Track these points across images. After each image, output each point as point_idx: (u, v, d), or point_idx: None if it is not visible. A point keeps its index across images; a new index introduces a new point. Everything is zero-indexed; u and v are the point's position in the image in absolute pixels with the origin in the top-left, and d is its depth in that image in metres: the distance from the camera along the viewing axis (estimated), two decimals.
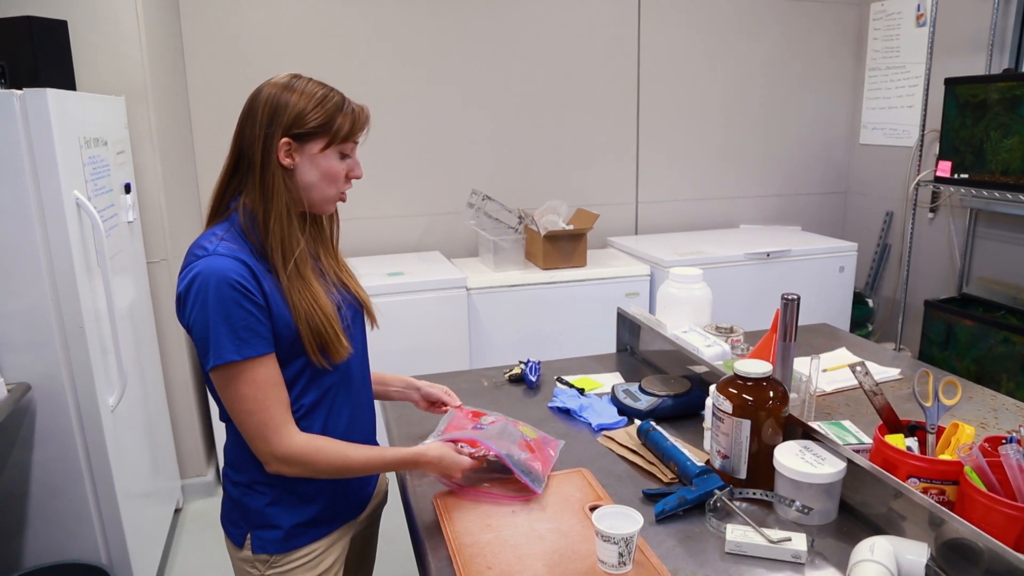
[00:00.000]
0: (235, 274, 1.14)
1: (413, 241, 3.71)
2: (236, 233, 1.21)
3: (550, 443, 1.54)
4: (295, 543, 1.29)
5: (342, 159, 1.26)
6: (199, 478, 3.14)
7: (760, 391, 1.37)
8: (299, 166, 1.22)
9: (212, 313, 1.13)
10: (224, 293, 1.13)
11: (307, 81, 1.23)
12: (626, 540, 1.14)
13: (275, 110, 1.19)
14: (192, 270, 1.15)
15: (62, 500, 2.09)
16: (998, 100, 3.10)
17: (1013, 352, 3.09)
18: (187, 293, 1.15)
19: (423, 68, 3.52)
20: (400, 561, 2.52)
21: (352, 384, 1.35)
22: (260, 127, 1.19)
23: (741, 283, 3.47)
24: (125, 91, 2.66)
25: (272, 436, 1.18)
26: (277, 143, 1.19)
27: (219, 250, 1.16)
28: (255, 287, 1.16)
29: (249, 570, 1.29)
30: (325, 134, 1.21)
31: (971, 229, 3.60)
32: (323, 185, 1.24)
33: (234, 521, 1.30)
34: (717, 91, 4.02)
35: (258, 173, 1.20)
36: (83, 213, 2.03)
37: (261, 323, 1.16)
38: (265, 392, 1.17)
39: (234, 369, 1.15)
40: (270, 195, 1.20)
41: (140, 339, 2.59)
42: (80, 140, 2.08)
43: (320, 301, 1.23)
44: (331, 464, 1.22)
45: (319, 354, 1.23)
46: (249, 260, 1.18)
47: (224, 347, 1.13)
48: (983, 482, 1.15)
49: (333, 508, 1.33)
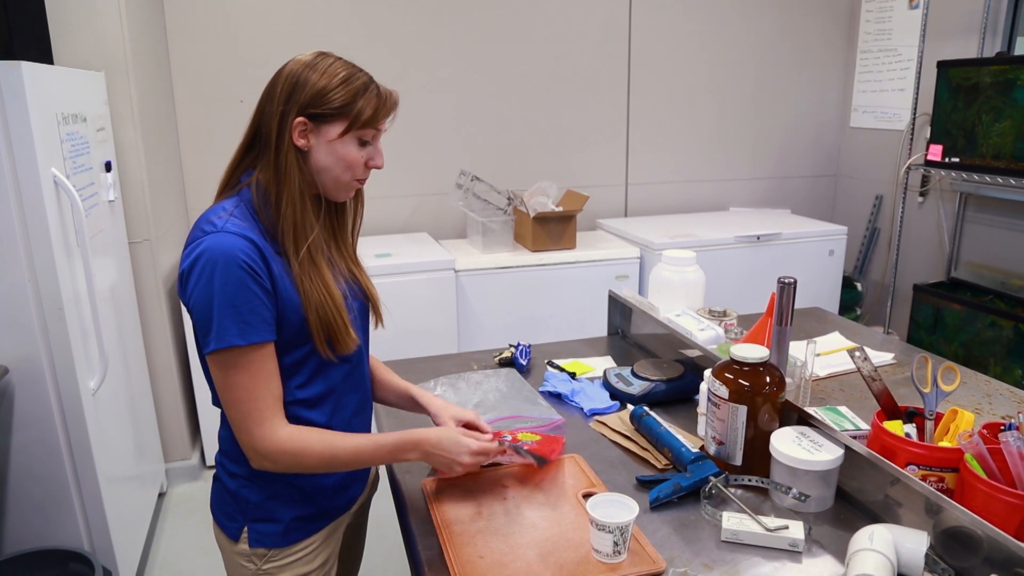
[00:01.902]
0: (243, 254, 1.08)
1: (401, 222, 3.66)
2: (246, 210, 1.16)
3: (554, 437, 1.47)
4: (294, 537, 1.24)
5: (362, 146, 1.19)
6: (184, 462, 3.10)
7: (757, 376, 1.35)
8: (314, 148, 1.16)
9: (217, 294, 1.07)
10: (231, 273, 1.07)
11: (332, 60, 1.17)
12: (621, 529, 1.11)
13: (294, 87, 1.13)
14: (199, 246, 1.08)
15: (42, 485, 2.05)
16: (990, 83, 3.08)
17: (1000, 336, 3.09)
18: (191, 270, 1.09)
19: (413, 48, 3.46)
20: (388, 547, 2.51)
21: (356, 379, 1.31)
22: (278, 103, 1.14)
23: (731, 266, 3.45)
24: (105, 66, 2.58)
25: (256, 429, 1.13)
26: (292, 121, 1.13)
27: (228, 227, 1.10)
28: (263, 269, 1.10)
29: (244, 564, 1.24)
30: (344, 117, 1.15)
31: (960, 213, 3.59)
32: (338, 171, 1.18)
33: (229, 514, 1.25)
34: (708, 73, 3.98)
35: (272, 152, 1.15)
36: (61, 191, 1.97)
37: (267, 308, 1.11)
38: (258, 382, 1.12)
39: (235, 354, 1.10)
40: (283, 176, 1.14)
41: (122, 321, 2.54)
42: (57, 116, 2.02)
43: (332, 291, 1.18)
44: (319, 458, 1.17)
45: (325, 345, 1.18)
46: (258, 240, 1.12)
47: (227, 330, 1.08)
48: (983, 469, 1.14)
49: (333, 501, 1.29)
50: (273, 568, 1.24)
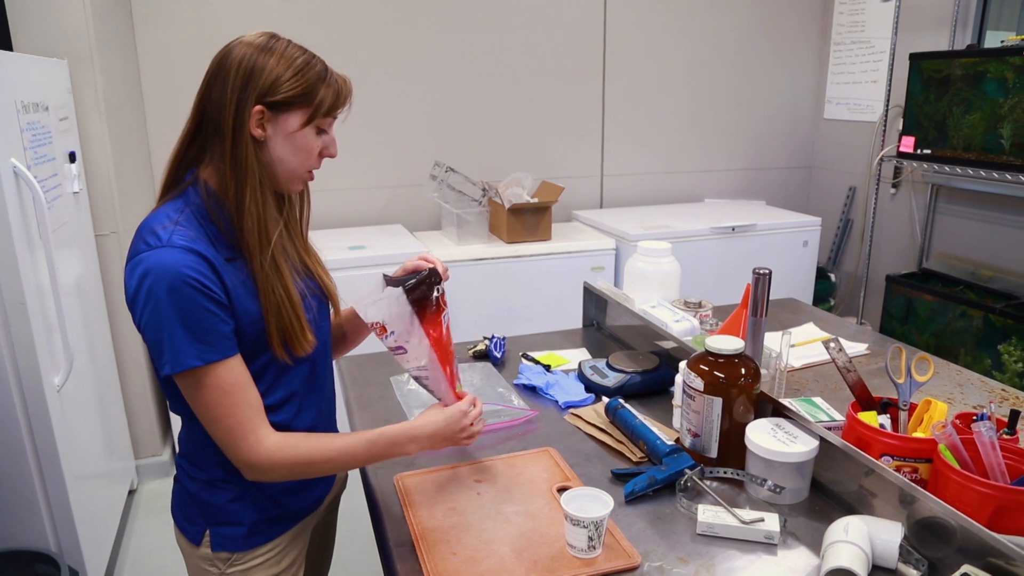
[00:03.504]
0: (190, 270, 1.01)
1: (375, 214, 3.62)
2: (191, 214, 1.08)
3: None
4: (258, 540, 1.20)
5: (318, 135, 1.13)
6: (154, 458, 3.05)
7: (732, 368, 1.34)
8: (270, 139, 1.08)
9: (165, 315, 1.00)
10: (180, 292, 1.00)
11: (286, 44, 1.09)
12: (596, 524, 1.10)
13: (250, 73, 1.05)
14: (140, 265, 1.01)
15: (6, 485, 1.99)
16: (961, 76, 3.10)
17: (970, 326, 3.13)
18: (137, 294, 1.02)
19: (387, 36, 3.41)
20: (361, 544, 2.48)
21: (318, 379, 1.26)
22: (232, 91, 1.05)
23: (706, 257, 3.46)
24: (68, 54, 2.52)
25: (241, 442, 1.08)
26: (250, 111, 1.05)
27: (173, 240, 1.02)
28: (215, 282, 1.04)
29: (207, 568, 1.20)
30: (305, 106, 1.08)
31: (932, 205, 3.63)
32: (295, 162, 1.11)
33: (190, 517, 1.21)
34: (684, 64, 3.98)
35: (229, 145, 1.06)
36: (22, 182, 1.92)
37: (224, 322, 1.05)
38: (233, 397, 1.06)
39: (197, 375, 1.04)
40: (242, 170, 1.07)
41: (88, 315, 2.48)
42: (17, 104, 1.96)
43: (290, 292, 1.12)
44: (310, 461, 1.12)
45: (281, 348, 1.13)
46: (207, 250, 1.04)
47: (183, 351, 1.02)
48: (957, 460, 1.14)
49: (298, 502, 1.26)
50: (237, 572, 1.20)
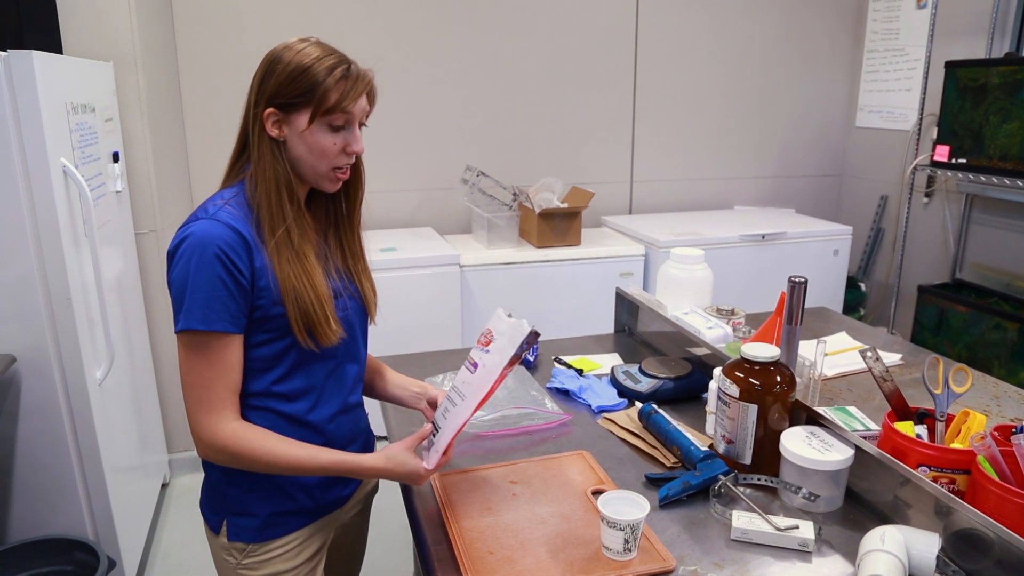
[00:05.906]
0: (225, 244, 1.09)
1: (405, 217, 3.66)
2: (243, 200, 1.17)
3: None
4: (271, 533, 1.23)
5: (335, 131, 1.15)
6: (187, 452, 3.10)
7: (767, 375, 1.35)
8: (288, 138, 1.15)
9: (192, 277, 1.09)
10: (208, 260, 1.08)
11: (306, 45, 1.14)
12: (632, 526, 1.11)
13: (264, 75, 1.14)
14: (187, 230, 1.11)
15: (47, 474, 2.05)
16: (998, 84, 3.07)
17: (1005, 338, 3.09)
18: (175, 251, 1.11)
19: (419, 42, 3.45)
20: (392, 542, 2.51)
21: (344, 376, 1.27)
22: (250, 94, 1.16)
23: (736, 265, 3.45)
24: (113, 56, 2.58)
25: (203, 417, 1.12)
26: (263, 112, 1.14)
27: (219, 215, 1.12)
28: (244, 262, 1.11)
29: (226, 558, 1.24)
30: (307, 105, 1.12)
31: (966, 215, 3.59)
32: (312, 160, 1.16)
33: (211, 506, 1.25)
34: (714, 70, 3.97)
35: (253, 141, 1.16)
36: (70, 181, 1.97)
37: (235, 301, 1.11)
38: (215, 371, 1.12)
39: (195, 338, 1.10)
40: (258, 164, 1.16)
41: (128, 311, 2.54)
42: (67, 106, 2.01)
43: (313, 280, 1.16)
44: (257, 459, 1.13)
45: (306, 335, 1.16)
46: (247, 231, 1.12)
47: (192, 314, 1.09)
48: (995, 471, 1.14)
49: (314, 500, 1.27)
50: (253, 563, 1.23)
